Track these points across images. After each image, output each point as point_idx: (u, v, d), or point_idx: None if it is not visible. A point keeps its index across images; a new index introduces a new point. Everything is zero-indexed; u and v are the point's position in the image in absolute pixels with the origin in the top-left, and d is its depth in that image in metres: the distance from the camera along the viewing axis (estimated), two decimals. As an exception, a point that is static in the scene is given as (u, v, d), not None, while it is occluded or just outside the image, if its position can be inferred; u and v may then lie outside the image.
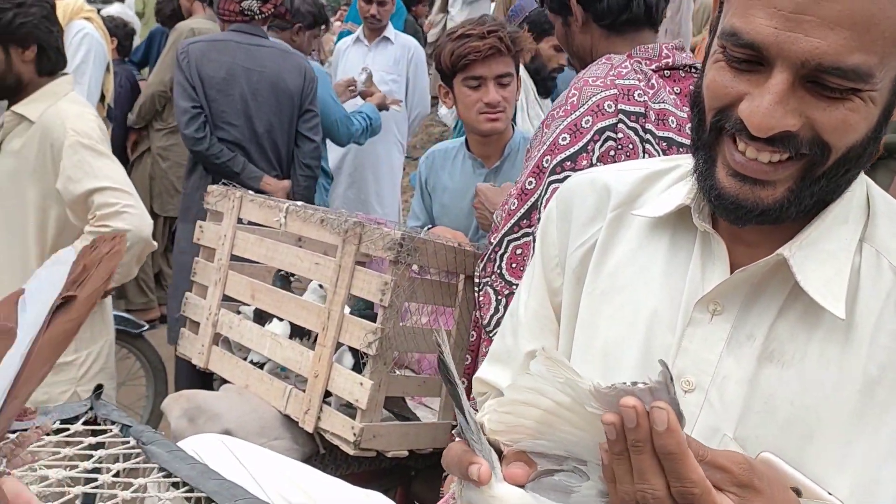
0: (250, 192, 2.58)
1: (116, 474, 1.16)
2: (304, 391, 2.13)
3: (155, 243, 2.51)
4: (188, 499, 1.14)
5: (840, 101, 0.84)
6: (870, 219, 0.96)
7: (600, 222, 1.10)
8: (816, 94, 0.84)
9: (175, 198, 4.93)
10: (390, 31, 4.90)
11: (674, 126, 1.78)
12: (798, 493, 0.87)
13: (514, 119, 3.72)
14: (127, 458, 1.21)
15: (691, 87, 1.08)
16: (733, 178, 0.90)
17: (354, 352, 2.14)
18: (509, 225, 1.85)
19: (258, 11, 3.44)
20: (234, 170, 3.32)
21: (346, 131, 4.02)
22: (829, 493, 0.88)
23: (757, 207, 0.89)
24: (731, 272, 0.96)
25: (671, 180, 1.07)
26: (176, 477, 1.17)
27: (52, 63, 2.46)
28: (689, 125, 1.00)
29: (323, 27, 4.64)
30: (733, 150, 0.90)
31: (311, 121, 3.55)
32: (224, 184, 2.61)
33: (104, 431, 1.28)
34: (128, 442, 1.25)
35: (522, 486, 0.78)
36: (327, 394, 2.12)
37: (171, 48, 4.84)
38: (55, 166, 2.39)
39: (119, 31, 5.56)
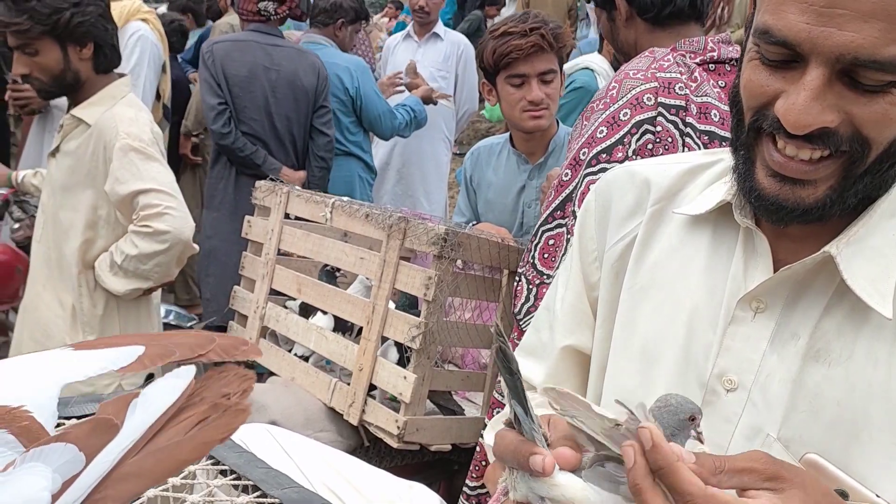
0: (297, 187, 2.63)
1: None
2: (348, 384, 2.16)
3: (196, 246, 2.54)
4: (235, 486, 1.16)
5: (879, 95, 0.82)
6: None
7: (640, 217, 1.08)
8: (854, 89, 0.82)
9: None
10: (440, 28, 4.91)
11: (717, 120, 1.77)
12: (845, 495, 0.86)
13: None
14: (178, 446, 1.24)
15: None
16: (773, 179, 0.88)
17: (399, 347, 2.17)
18: (545, 215, 1.86)
19: (273, 12, 3.66)
20: (256, 162, 3.57)
21: (389, 125, 4.07)
22: (878, 496, 0.86)
23: (798, 207, 0.88)
24: (775, 268, 0.94)
25: (712, 176, 1.06)
26: (224, 465, 1.19)
27: (108, 60, 2.52)
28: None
29: (363, 22, 4.67)
30: (772, 150, 0.88)
31: (324, 116, 3.76)
32: (272, 179, 2.65)
33: (156, 420, 1.31)
34: (178, 430, 1.28)
35: (574, 471, 0.79)
36: (372, 387, 2.14)
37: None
38: (105, 167, 2.45)
39: (167, 27, 5.65)
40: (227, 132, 3.54)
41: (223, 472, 1.19)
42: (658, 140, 1.72)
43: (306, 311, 2.42)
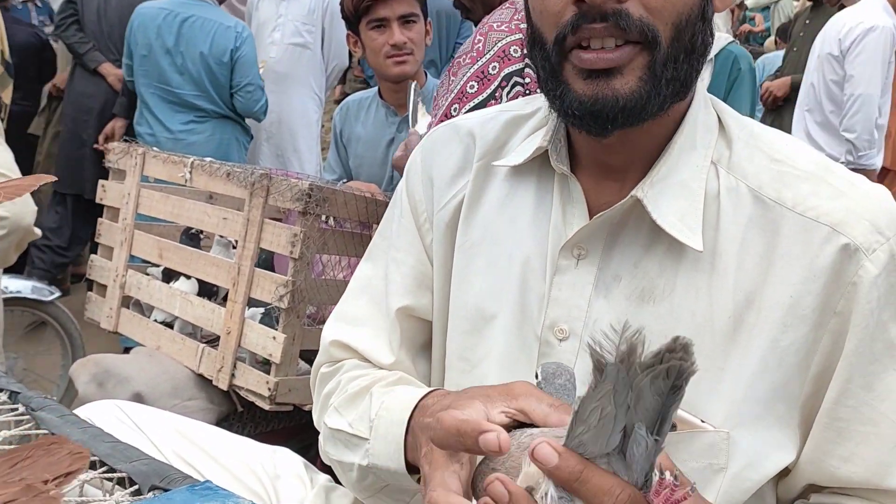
0: (154, 148, 2.50)
1: (10, 442, 1.11)
2: (216, 349, 2.09)
3: (38, 231, 2.36)
4: (82, 463, 1.09)
5: None
6: (726, 143, 0.96)
7: (468, 174, 1.07)
8: None
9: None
10: None
11: None
12: (674, 426, 0.88)
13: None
14: (18, 424, 1.16)
15: None
16: (587, 80, 0.89)
17: (268, 311, 2.10)
18: None
19: None
20: (79, 51, 4.53)
21: (255, 99, 3.97)
22: (703, 421, 0.89)
23: (617, 101, 0.88)
24: (593, 213, 0.95)
25: (533, 125, 1.06)
26: (68, 442, 1.12)
27: None
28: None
29: None
30: (580, 52, 0.89)
31: None
32: (125, 140, 2.51)
33: (-8, 400, 1.23)
34: (17, 409, 1.20)
35: None
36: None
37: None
38: None
39: None
40: (61, 24, 4.53)
41: (69, 450, 1.12)
42: (528, 91, 1.71)
43: (169, 277, 2.31)
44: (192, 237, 2.38)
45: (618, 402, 0.64)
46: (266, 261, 2.30)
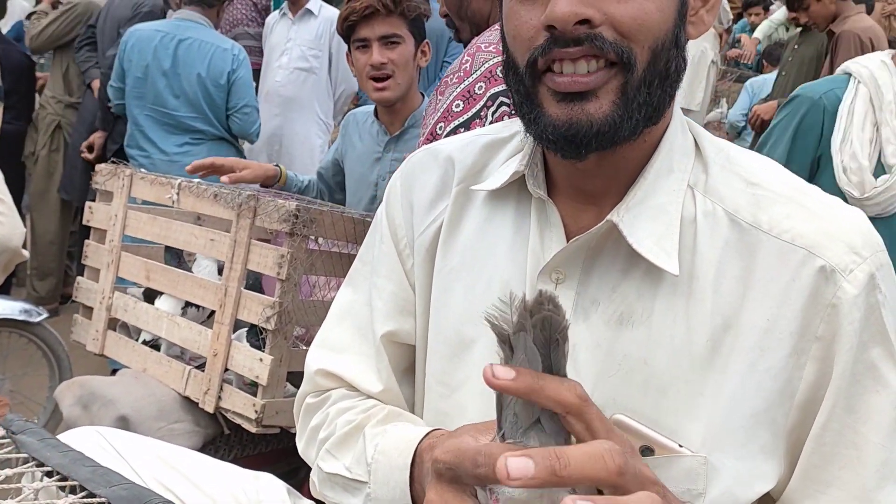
0: (142, 169, 2.50)
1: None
2: (203, 371, 2.07)
3: (26, 253, 2.33)
4: (62, 487, 1.08)
5: None
6: (702, 167, 0.96)
7: (447, 199, 1.07)
8: None
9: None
10: (314, 3, 4.68)
11: None
12: (651, 451, 0.87)
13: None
14: (-2, 448, 1.15)
15: None
16: (561, 104, 0.88)
17: (255, 332, 2.09)
18: None
19: None
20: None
21: (251, 121, 3.96)
22: (681, 445, 0.88)
23: (591, 126, 0.87)
24: (571, 237, 0.95)
25: (512, 149, 1.06)
26: (48, 466, 1.11)
27: None
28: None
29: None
30: (554, 77, 0.88)
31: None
32: (113, 162, 2.50)
33: (-28, 424, 1.21)
34: (-3, 432, 1.19)
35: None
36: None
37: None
38: None
39: None
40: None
41: (50, 474, 1.11)
42: (513, 112, 1.71)
43: (151, 296, 2.30)
44: (176, 256, 2.37)
45: (536, 367, 0.68)
46: (254, 285, 2.29)
